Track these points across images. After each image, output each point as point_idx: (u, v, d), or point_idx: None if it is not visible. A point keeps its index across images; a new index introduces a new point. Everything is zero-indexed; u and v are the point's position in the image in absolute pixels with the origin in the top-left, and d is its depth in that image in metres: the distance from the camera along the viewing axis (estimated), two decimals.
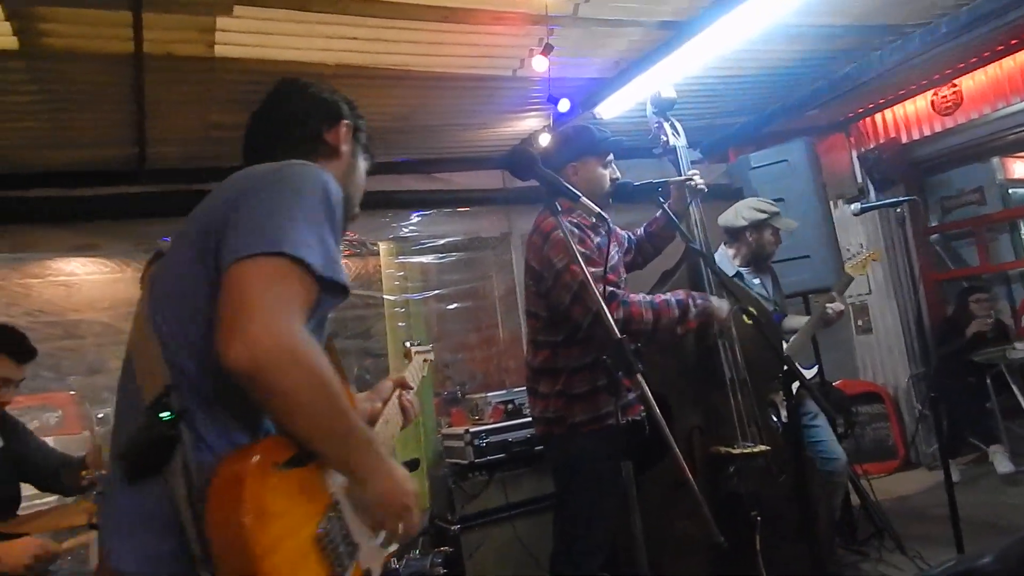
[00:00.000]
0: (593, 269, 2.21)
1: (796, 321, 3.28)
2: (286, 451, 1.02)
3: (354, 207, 1.40)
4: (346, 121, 1.36)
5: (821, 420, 3.08)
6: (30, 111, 2.83)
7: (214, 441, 1.02)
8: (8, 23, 2.23)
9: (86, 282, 3.69)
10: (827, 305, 3.11)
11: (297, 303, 1.00)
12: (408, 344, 1.88)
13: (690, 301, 2.33)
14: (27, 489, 2.43)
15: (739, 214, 3.18)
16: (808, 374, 3.16)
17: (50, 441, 2.68)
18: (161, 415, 0.98)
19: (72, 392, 3.73)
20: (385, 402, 1.61)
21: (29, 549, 1.98)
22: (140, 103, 2.81)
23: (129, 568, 1.00)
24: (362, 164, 1.42)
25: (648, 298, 2.30)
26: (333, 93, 1.40)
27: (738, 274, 3.11)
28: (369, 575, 1.19)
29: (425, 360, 1.91)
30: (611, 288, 2.27)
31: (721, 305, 2.41)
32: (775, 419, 2.86)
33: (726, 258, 3.19)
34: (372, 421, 1.53)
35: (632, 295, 2.30)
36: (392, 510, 1.12)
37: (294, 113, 1.34)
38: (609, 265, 2.37)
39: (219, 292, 0.99)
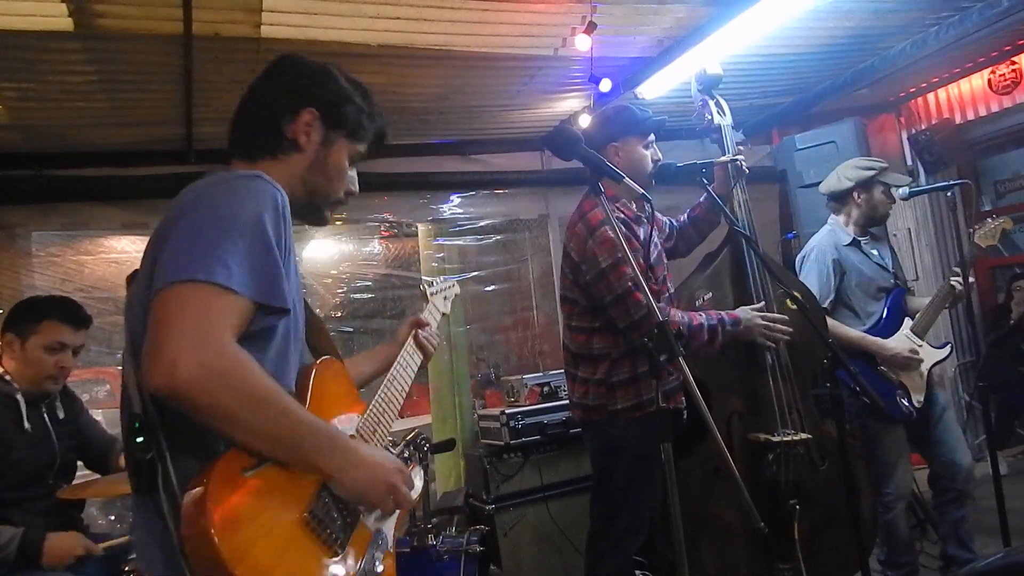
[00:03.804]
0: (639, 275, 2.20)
1: (920, 302, 3.00)
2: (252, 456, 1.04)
3: (329, 196, 1.33)
4: (308, 110, 1.27)
5: (948, 416, 2.87)
6: (85, 91, 2.91)
7: (199, 454, 1.04)
8: (64, 5, 2.29)
9: (137, 260, 3.79)
10: (952, 280, 2.83)
11: (217, 322, 1.00)
12: (423, 286, 1.84)
13: (720, 327, 2.29)
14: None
15: (842, 176, 2.95)
16: (940, 354, 2.87)
17: (99, 413, 2.79)
18: (136, 439, 1.02)
19: (121, 367, 3.85)
20: (400, 344, 1.62)
21: (75, 548, 2.07)
22: (189, 84, 2.87)
23: (141, 568, 1.11)
24: (342, 149, 1.32)
25: (686, 319, 2.26)
26: (318, 74, 1.31)
27: (855, 242, 2.91)
28: (380, 535, 1.21)
29: (446, 298, 1.89)
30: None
31: (749, 319, 2.34)
32: (907, 403, 2.73)
33: (838, 227, 2.97)
34: (387, 365, 1.54)
35: (672, 312, 2.26)
36: (374, 498, 1.13)
37: (255, 106, 1.30)
38: (652, 260, 2.33)
39: None
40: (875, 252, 2.97)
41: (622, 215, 2.32)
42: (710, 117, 2.67)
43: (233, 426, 0.99)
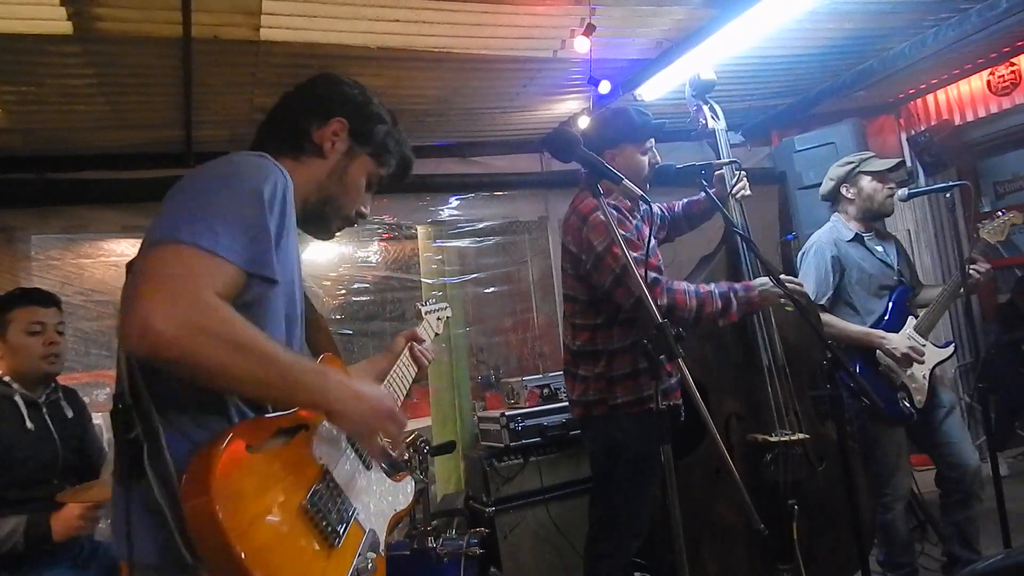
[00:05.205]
0: (634, 253, 2.20)
1: (933, 293, 2.96)
2: (261, 433, 1.04)
3: (341, 209, 1.34)
4: (338, 119, 1.31)
5: (954, 417, 2.86)
6: (84, 94, 2.91)
7: (189, 429, 1.04)
8: (63, 8, 2.29)
9: None
10: (971, 267, 2.77)
11: (195, 279, 0.98)
12: (418, 305, 1.95)
13: (731, 294, 2.27)
14: None
15: (828, 178, 3.01)
16: (943, 353, 2.86)
17: (99, 417, 2.78)
18: (120, 419, 1.01)
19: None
20: (396, 355, 1.66)
21: (74, 512, 2.10)
22: (188, 86, 2.87)
23: (122, 557, 1.04)
24: (363, 166, 1.35)
25: (692, 287, 2.27)
26: (355, 93, 1.35)
27: (857, 237, 2.91)
28: (373, 535, 1.22)
29: (439, 318, 1.97)
30: (654, 274, 2.24)
31: (764, 285, 2.32)
32: (908, 405, 2.73)
33: (840, 223, 2.97)
34: (382, 377, 1.58)
35: (676, 283, 2.27)
36: (376, 424, 1.16)
37: (290, 107, 1.34)
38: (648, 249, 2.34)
39: None
40: (879, 248, 2.95)
41: (615, 203, 2.31)
42: (704, 122, 2.69)
43: (220, 376, 0.98)
